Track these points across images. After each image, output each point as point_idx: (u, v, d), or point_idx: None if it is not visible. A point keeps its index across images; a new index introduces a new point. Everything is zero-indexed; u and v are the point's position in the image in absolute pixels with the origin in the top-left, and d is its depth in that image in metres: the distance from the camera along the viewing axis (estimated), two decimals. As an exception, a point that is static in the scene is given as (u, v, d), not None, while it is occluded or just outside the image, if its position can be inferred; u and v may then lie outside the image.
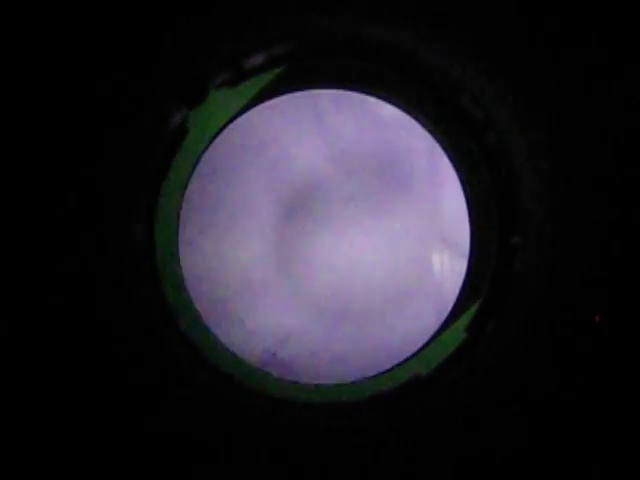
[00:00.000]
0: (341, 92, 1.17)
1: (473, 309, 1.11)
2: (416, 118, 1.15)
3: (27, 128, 1.03)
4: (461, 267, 1.15)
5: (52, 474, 1.05)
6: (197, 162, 1.11)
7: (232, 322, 1.29)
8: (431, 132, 1.15)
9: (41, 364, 1.04)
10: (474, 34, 1.07)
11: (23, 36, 1.02)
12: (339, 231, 1.34)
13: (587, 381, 1.08)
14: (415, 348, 1.13)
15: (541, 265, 1.08)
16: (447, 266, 1.34)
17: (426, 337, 1.14)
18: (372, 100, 1.16)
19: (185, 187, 1.10)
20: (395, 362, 1.13)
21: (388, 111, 1.24)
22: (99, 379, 1.04)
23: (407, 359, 1.13)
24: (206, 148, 1.11)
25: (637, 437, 1.08)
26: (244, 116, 1.13)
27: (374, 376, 1.12)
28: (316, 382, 1.13)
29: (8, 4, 1.01)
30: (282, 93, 1.13)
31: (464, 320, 1.12)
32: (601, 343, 1.08)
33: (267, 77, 1.10)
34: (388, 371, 1.12)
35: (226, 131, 1.12)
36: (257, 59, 1.08)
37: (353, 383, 1.12)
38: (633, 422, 1.08)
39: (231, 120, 1.11)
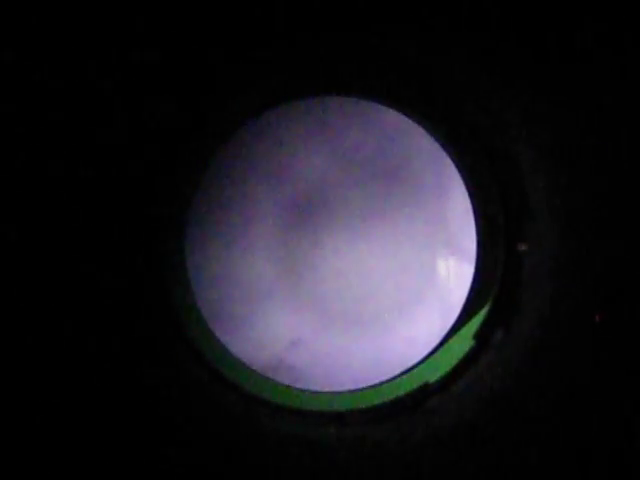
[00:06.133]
0: (345, 98, 1.16)
1: (481, 316, 1.11)
2: (421, 123, 1.15)
3: (39, 134, 1.03)
4: (468, 273, 1.15)
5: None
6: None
7: (239, 329, 1.28)
8: (437, 138, 1.15)
9: (49, 371, 1.04)
10: (480, 39, 1.07)
11: (46, 53, 1.02)
12: (345, 237, 1.33)
13: (597, 386, 1.07)
14: (422, 355, 1.13)
15: (548, 271, 1.08)
16: (454, 272, 1.33)
17: (433, 344, 1.13)
18: (377, 106, 1.16)
19: (191, 194, 1.10)
20: (402, 369, 1.12)
21: (393, 117, 1.24)
22: (105, 386, 1.04)
23: (414, 366, 1.12)
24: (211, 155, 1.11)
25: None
26: (248, 124, 1.13)
27: (381, 384, 1.12)
28: (322, 390, 1.13)
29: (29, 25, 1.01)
30: (286, 100, 1.13)
31: (472, 327, 1.11)
32: (610, 348, 1.08)
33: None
34: (395, 378, 1.12)
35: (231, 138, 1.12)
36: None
37: (360, 391, 1.12)
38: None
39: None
